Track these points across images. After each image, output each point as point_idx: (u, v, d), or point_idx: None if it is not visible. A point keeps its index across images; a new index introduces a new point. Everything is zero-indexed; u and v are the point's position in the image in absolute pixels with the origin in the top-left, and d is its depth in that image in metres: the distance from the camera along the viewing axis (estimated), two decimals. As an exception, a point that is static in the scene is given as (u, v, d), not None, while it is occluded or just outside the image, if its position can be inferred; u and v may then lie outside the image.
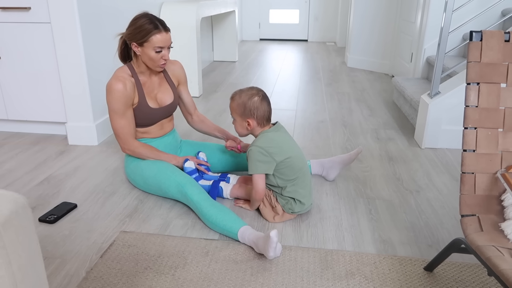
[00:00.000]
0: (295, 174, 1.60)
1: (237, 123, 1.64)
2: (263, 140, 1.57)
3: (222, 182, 1.80)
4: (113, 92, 1.66)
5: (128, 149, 1.76)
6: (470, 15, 3.02)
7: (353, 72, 4.59)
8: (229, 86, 3.90)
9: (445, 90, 2.31)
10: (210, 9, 3.78)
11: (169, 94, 1.85)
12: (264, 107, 1.58)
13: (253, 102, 1.56)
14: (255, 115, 1.57)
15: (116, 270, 1.35)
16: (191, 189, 1.62)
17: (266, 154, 1.54)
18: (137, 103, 1.74)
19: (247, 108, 1.57)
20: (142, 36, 1.63)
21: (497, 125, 1.17)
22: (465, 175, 1.16)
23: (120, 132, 1.72)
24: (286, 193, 1.61)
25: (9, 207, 0.60)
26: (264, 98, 1.59)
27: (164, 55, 1.68)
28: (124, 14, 2.68)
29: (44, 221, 1.61)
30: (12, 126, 2.60)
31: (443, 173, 2.07)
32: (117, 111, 1.69)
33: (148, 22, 1.62)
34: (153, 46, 1.64)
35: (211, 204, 1.57)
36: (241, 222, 1.51)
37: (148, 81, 1.79)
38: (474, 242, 1.05)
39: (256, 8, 7.31)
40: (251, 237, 1.43)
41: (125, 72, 1.71)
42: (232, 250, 1.45)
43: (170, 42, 1.70)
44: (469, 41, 1.18)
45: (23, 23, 2.25)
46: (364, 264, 1.39)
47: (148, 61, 1.69)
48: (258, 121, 1.59)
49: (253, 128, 1.61)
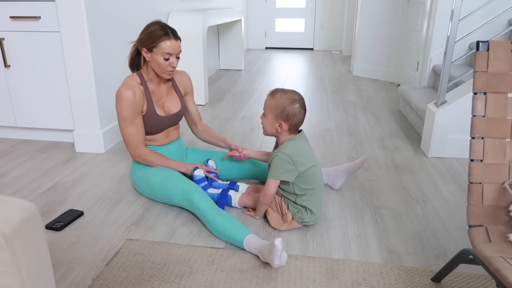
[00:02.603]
0: (313, 184, 1.60)
1: (268, 121, 1.60)
2: (290, 148, 1.56)
3: (231, 191, 1.79)
4: (123, 99, 1.68)
5: (138, 156, 1.77)
6: (477, 24, 3.03)
7: (359, 80, 4.59)
8: (235, 94, 3.92)
9: (452, 99, 2.30)
10: (216, 18, 3.81)
11: (176, 102, 1.87)
12: (300, 116, 1.57)
13: (294, 108, 1.54)
14: (290, 121, 1.56)
15: (122, 278, 1.35)
16: (197, 196, 1.62)
17: (290, 162, 1.54)
18: (146, 111, 1.76)
19: (285, 111, 1.54)
20: (152, 42, 1.66)
21: (504, 135, 1.17)
22: (473, 185, 1.16)
23: (130, 139, 1.74)
24: (300, 201, 1.60)
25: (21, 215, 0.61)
26: (303, 107, 1.58)
27: (172, 63, 1.70)
28: (132, 23, 2.71)
29: (51, 228, 1.62)
30: (20, 133, 2.63)
31: (450, 183, 2.06)
32: (126, 119, 1.70)
33: (160, 29, 1.66)
34: (162, 52, 1.66)
35: (217, 212, 1.57)
36: (247, 230, 1.50)
37: (157, 89, 1.81)
38: (482, 253, 1.04)
39: (262, 17, 7.36)
40: (257, 245, 1.43)
41: (134, 80, 1.74)
42: (238, 259, 1.44)
43: (179, 50, 1.72)
44: (476, 51, 1.18)
45: (33, 32, 2.29)
46: (370, 274, 1.38)
47: (156, 67, 1.71)
48: (290, 127, 1.57)
49: (283, 132, 1.59)
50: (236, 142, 2.61)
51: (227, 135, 2.73)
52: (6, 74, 2.41)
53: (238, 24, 5.04)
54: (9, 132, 2.64)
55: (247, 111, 3.35)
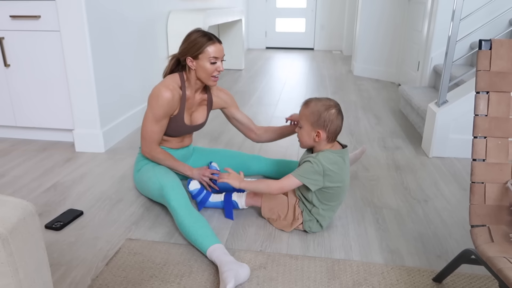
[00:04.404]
0: (334, 202, 1.56)
1: (305, 131, 1.52)
2: (327, 159, 1.47)
3: (235, 194, 1.73)
4: (160, 98, 1.66)
5: (148, 152, 1.76)
6: (478, 24, 3.01)
7: (360, 80, 4.58)
8: (236, 94, 3.91)
9: (453, 99, 2.29)
10: (217, 17, 3.81)
11: (203, 115, 1.87)
12: (338, 122, 1.50)
13: (330, 114, 1.47)
14: (328, 128, 1.48)
15: (122, 278, 1.34)
16: (171, 193, 1.58)
17: (321, 173, 1.47)
18: (176, 115, 1.75)
19: (321, 118, 1.47)
20: (197, 49, 1.65)
21: (507, 134, 1.16)
22: (475, 185, 1.15)
23: (148, 136, 1.72)
24: (315, 213, 1.56)
25: (17, 215, 0.60)
26: (340, 112, 1.51)
27: (218, 67, 1.69)
28: (133, 22, 2.71)
29: (50, 228, 1.61)
30: (20, 133, 2.62)
31: (451, 183, 2.05)
32: (156, 117, 1.69)
33: (202, 35, 1.66)
34: (208, 57, 1.65)
35: (188, 213, 1.52)
36: (214, 239, 1.44)
37: (192, 98, 1.80)
38: (484, 253, 1.03)
39: (262, 17, 7.35)
40: (217, 261, 1.36)
41: (175, 82, 1.72)
42: (238, 259, 1.43)
43: (224, 53, 1.71)
44: (478, 50, 1.17)
45: (33, 31, 2.28)
46: (371, 274, 1.37)
47: (202, 74, 1.69)
48: (328, 135, 1.49)
49: (321, 141, 1.51)
50: (237, 142, 2.60)
51: (228, 135, 2.73)
52: (6, 74, 2.40)
53: (239, 23, 5.03)
54: (8, 132, 2.63)
55: (248, 110, 3.34)
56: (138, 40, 2.80)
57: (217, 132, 2.80)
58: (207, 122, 3.00)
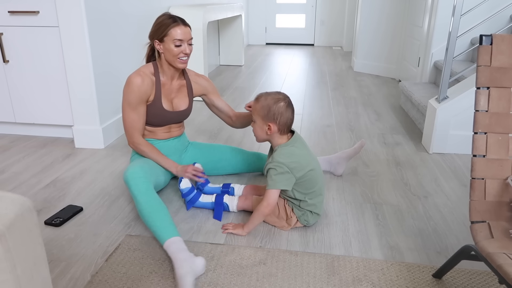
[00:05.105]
0: (314, 187, 1.56)
1: (257, 125, 1.56)
2: (285, 156, 1.51)
3: (226, 196, 1.72)
4: (131, 84, 1.69)
5: (132, 143, 1.76)
6: (478, 19, 3.00)
7: (360, 76, 4.57)
8: (235, 90, 3.90)
9: (453, 94, 2.29)
10: (216, 13, 3.79)
11: (184, 101, 1.87)
12: (288, 114, 1.53)
13: (279, 107, 1.51)
14: (278, 121, 1.51)
15: (121, 274, 1.34)
16: (133, 177, 1.55)
17: (288, 171, 1.49)
18: (152, 101, 1.76)
19: (271, 111, 1.51)
20: (161, 31, 1.67)
21: (507, 130, 1.15)
22: (475, 181, 1.15)
23: (128, 125, 1.74)
24: (305, 205, 1.57)
25: (15, 210, 0.60)
26: (289, 105, 1.55)
27: (184, 49, 1.70)
28: (132, 17, 2.69)
29: (50, 224, 1.61)
30: (19, 129, 2.61)
31: (451, 179, 2.05)
32: (130, 103, 1.71)
33: (167, 18, 1.68)
34: (173, 39, 1.66)
35: (148, 201, 1.49)
36: (173, 232, 1.41)
37: (168, 84, 1.81)
38: (484, 249, 1.03)
39: (262, 13, 7.32)
40: (172, 257, 1.34)
41: (148, 69, 1.75)
42: (238, 255, 1.44)
43: (190, 37, 1.72)
44: (479, 45, 1.16)
45: (32, 27, 2.27)
46: (371, 271, 1.37)
47: (169, 57, 1.70)
48: (280, 127, 1.52)
49: (273, 134, 1.54)
50: (236, 137, 2.60)
51: (226, 131, 2.73)
52: (5, 70, 2.39)
53: (239, 19, 5.01)
54: (8, 128, 2.63)
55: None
56: (137, 36, 2.79)
57: (216, 128, 2.79)
58: (206, 120, 2.99)
